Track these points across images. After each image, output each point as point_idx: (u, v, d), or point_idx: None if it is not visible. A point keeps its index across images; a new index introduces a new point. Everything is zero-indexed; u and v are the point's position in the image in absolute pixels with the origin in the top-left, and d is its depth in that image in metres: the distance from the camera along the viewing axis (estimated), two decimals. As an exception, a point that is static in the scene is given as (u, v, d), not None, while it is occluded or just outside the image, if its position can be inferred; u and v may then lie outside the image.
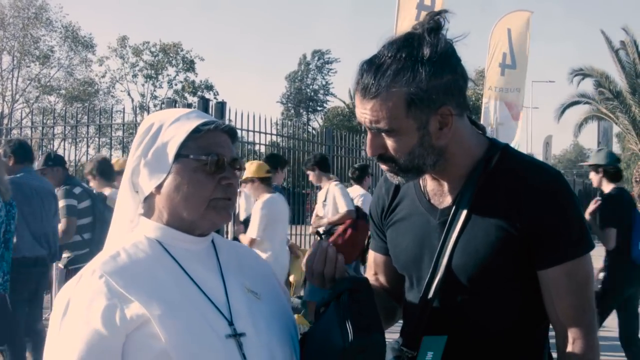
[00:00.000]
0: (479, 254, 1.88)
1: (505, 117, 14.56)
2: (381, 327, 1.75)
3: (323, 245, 1.92)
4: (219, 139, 1.74)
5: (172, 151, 1.70)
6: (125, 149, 11.66)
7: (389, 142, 1.87)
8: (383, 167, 1.96)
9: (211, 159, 1.69)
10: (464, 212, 1.91)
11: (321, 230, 7.90)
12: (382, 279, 2.24)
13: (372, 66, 1.84)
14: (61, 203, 6.42)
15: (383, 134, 1.87)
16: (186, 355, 1.56)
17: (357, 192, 9.47)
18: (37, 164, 6.71)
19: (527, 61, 15.07)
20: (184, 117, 1.75)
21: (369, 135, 1.91)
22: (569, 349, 1.86)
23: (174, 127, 1.73)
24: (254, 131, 9.50)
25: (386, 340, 1.78)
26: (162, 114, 1.79)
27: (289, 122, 15.40)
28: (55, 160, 6.83)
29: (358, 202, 9.25)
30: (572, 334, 1.87)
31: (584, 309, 1.88)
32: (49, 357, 1.60)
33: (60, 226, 6.41)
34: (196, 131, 1.71)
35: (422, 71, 1.79)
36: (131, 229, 1.79)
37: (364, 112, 1.86)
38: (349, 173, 10.21)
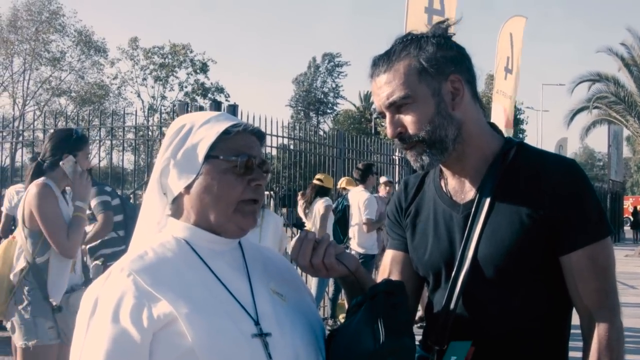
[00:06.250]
0: (505, 242, 1.91)
1: (503, 123, 14.58)
2: (412, 332, 1.76)
3: (309, 236, 1.89)
4: (248, 140, 1.77)
5: (202, 152, 1.72)
6: (135, 151, 11.65)
7: (408, 117, 1.95)
8: (407, 152, 2.00)
9: (241, 160, 1.71)
10: (487, 203, 1.95)
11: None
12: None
13: (382, 55, 2.00)
14: (94, 201, 6.41)
15: (401, 109, 1.95)
16: (212, 354, 1.56)
17: (358, 193, 9.56)
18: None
19: (519, 66, 15.09)
20: (214, 119, 1.77)
21: (387, 117, 1.98)
22: (595, 332, 1.88)
23: (204, 128, 1.75)
24: (265, 134, 9.49)
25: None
26: (191, 116, 1.82)
27: (297, 125, 15.33)
28: None
29: (361, 206, 9.32)
30: (596, 317, 1.89)
31: (607, 292, 1.91)
32: (76, 355, 1.60)
33: (98, 222, 6.35)
34: (226, 132, 1.73)
35: (429, 43, 1.96)
36: (159, 230, 1.81)
37: (379, 91, 1.97)
38: (353, 173, 10.28)
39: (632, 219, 40.37)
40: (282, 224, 7.26)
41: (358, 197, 9.46)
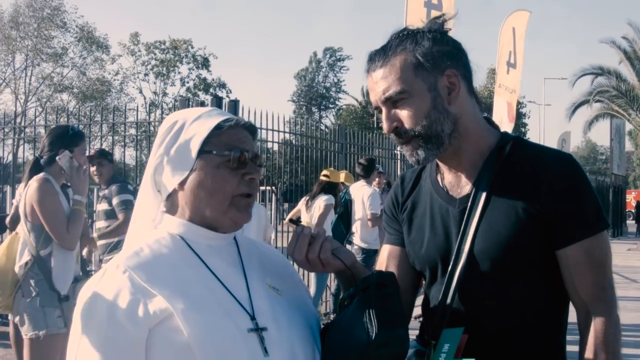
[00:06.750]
0: (501, 236, 1.92)
1: (504, 117, 14.55)
2: (405, 323, 1.78)
3: (305, 231, 1.90)
4: (240, 135, 1.77)
5: (195, 147, 1.73)
6: (137, 146, 11.66)
7: (405, 112, 1.95)
8: (403, 147, 2.01)
9: (234, 154, 1.72)
10: (483, 197, 1.96)
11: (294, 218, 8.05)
12: None
13: (379, 50, 2.00)
14: (116, 199, 6.45)
15: (397, 104, 1.95)
16: (208, 349, 1.57)
17: (361, 188, 9.53)
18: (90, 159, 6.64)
19: (522, 61, 15.06)
20: (206, 114, 1.78)
21: (383, 112, 1.98)
22: (591, 326, 1.89)
23: (196, 124, 1.75)
24: (267, 129, 9.48)
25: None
26: (183, 113, 1.82)
27: (300, 120, 15.36)
28: (110, 158, 7.01)
29: (365, 201, 9.30)
30: (593, 311, 1.90)
31: (603, 286, 1.92)
32: (73, 352, 1.61)
33: (119, 219, 6.44)
34: (218, 127, 1.74)
35: (425, 38, 1.96)
36: (154, 227, 1.82)
37: (375, 86, 1.98)
38: (355, 168, 10.26)
39: (634, 212, 40.34)
40: (265, 212, 7.25)
41: (361, 192, 9.45)
